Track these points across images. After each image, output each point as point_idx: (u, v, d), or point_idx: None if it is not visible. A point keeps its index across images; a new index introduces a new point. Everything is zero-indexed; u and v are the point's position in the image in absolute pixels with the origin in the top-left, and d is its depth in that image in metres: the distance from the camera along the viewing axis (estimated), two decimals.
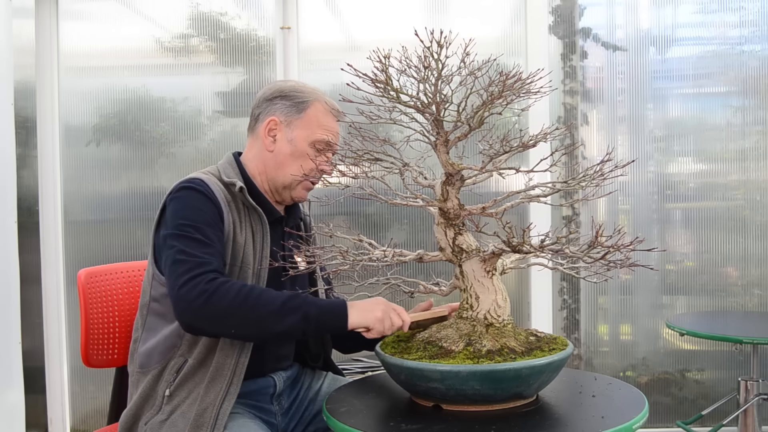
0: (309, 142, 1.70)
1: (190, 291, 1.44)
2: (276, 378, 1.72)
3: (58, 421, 3.12)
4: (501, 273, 1.54)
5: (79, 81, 3.14)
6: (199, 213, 1.56)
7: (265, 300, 1.46)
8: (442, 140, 1.43)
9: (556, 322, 3.09)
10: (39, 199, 3.09)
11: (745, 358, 2.96)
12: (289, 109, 1.71)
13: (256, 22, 3.14)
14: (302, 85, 1.76)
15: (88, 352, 1.87)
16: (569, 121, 3.08)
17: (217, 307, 1.44)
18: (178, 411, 1.56)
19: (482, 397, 1.35)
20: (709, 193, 3.13)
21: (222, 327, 1.47)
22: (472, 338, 1.41)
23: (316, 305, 1.49)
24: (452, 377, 1.32)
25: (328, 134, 1.71)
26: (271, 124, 1.71)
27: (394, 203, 1.50)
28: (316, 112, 1.71)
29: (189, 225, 1.54)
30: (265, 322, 1.46)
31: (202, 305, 1.44)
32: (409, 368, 1.37)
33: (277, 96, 1.73)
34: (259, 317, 1.45)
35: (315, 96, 1.73)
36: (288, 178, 1.70)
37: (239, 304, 1.44)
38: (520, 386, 1.35)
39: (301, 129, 1.70)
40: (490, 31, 3.12)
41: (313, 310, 1.47)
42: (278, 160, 1.70)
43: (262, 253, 1.64)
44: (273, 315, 1.45)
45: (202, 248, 1.52)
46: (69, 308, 3.11)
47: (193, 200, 1.58)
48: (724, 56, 3.11)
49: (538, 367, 1.34)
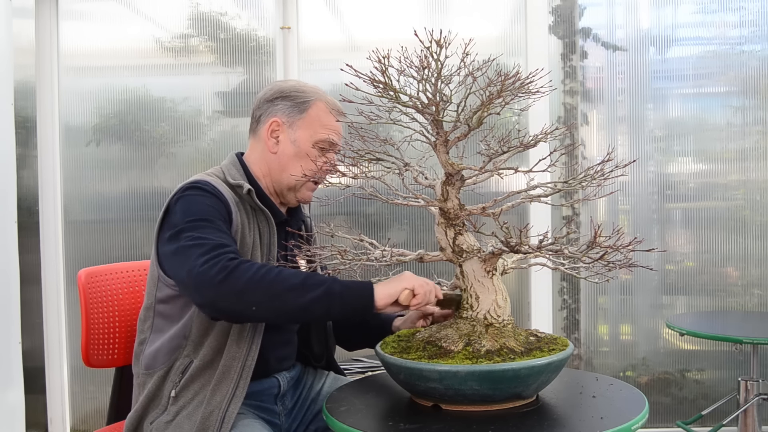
0: (312, 142, 1.68)
1: (211, 268, 1.39)
2: (280, 378, 1.72)
3: (58, 421, 3.12)
4: (502, 273, 1.54)
5: (79, 81, 3.14)
6: (209, 209, 1.53)
7: (287, 275, 1.42)
8: (442, 140, 1.43)
9: (556, 322, 3.09)
10: (39, 199, 3.10)
11: (745, 358, 2.96)
12: (290, 109, 1.69)
13: (256, 22, 3.15)
14: (303, 85, 1.74)
15: (88, 352, 1.87)
16: (569, 121, 3.08)
17: (237, 282, 1.38)
18: (183, 412, 1.55)
19: (481, 397, 1.34)
20: (709, 193, 3.13)
21: (243, 303, 1.40)
22: (472, 338, 1.41)
23: (340, 282, 1.44)
24: (450, 377, 1.32)
25: (331, 133, 1.70)
26: (274, 126, 1.70)
27: (395, 203, 1.49)
28: (318, 111, 1.70)
29: (200, 218, 1.50)
30: (287, 297, 1.40)
31: (223, 280, 1.38)
32: (408, 368, 1.37)
33: (277, 97, 1.71)
34: (280, 292, 1.40)
35: (316, 95, 1.71)
36: (292, 180, 1.68)
37: (260, 278, 1.39)
38: (518, 386, 1.35)
39: (304, 129, 1.69)
40: (490, 31, 3.13)
41: (336, 286, 1.42)
42: (282, 161, 1.69)
43: (269, 255, 1.63)
44: (295, 289, 1.40)
45: (217, 234, 1.48)
46: (69, 308, 3.11)
47: (202, 198, 1.55)
48: (724, 56, 3.11)
49: (537, 367, 1.33)
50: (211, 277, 1.39)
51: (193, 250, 1.44)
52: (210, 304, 1.42)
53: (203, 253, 1.42)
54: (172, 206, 1.57)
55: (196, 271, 1.41)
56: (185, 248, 1.45)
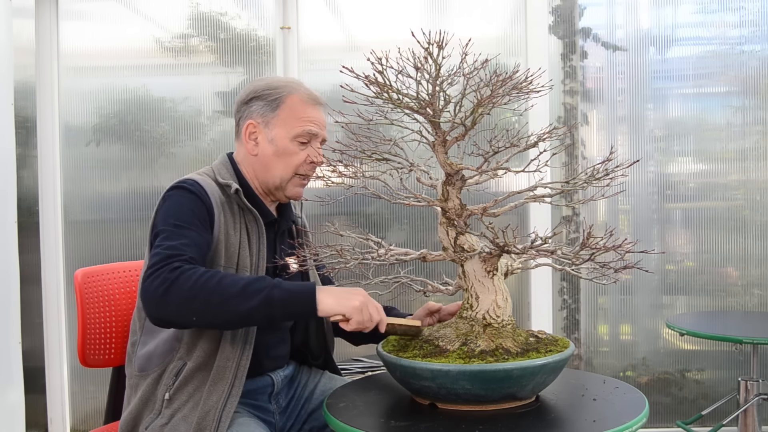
0: (290, 137, 1.66)
1: (153, 281, 1.40)
2: (274, 377, 1.72)
3: (58, 421, 3.12)
4: (510, 274, 1.53)
5: (79, 81, 3.15)
6: (185, 211, 1.54)
7: (227, 283, 1.39)
8: (440, 140, 1.44)
9: (556, 322, 3.09)
10: (39, 199, 3.10)
11: (745, 358, 2.95)
12: (263, 109, 1.68)
13: (256, 22, 3.14)
14: (276, 81, 1.71)
15: (85, 352, 1.87)
16: (569, 121, 3.07)
17: (177, 294, 1.38)
18: (178, 415, 1.55)
19: (474, 396, 1.34)
20: (709, 193, 3.13)
21: (184, 314, 1.40)
22: (469, 338, 1.41)
23: (282, 288, 1.40)
24: (443, 376, 1.33)
25: (309, 125, 1.67)
26: (250, 128, 1.69)
27: (398, 202, 1.50)
28: (291, 105, 1.67)
29: (172, 223, 1.51)
30: (226, 306, 1.38)
31: (164, 293, 1.38)
32: (402, 366, 1.38)
33: (252, 98, 1.70)
34: (220, 301, 1.38)
35: (288, 90, 1.68)
36: (277, 179, 1.68)
37: (199, 288, 1.38)
38: (512, 387, 1.34)
39: (280, 127, 1.67)
40: (490, 31, 3.12)
41: (277, 292, 1.39)
42: (264, 162, 1.68)
43: (258, 255, 1.63)
44: (234, 298, 1.38)
45: (181, 239, 1.48)
46: (69, 308, 3.11)
47: (182, 199, 1.56)
48: (724, 56, 3.10)
49: (530, 368, 1.33)
50: (153, 290, 1.40)
51: (151, 259, 1.45)
52: (154, 315, 1.44)
53: (153, 264, 1.43)
54: (159, 207, 1.59)
55: (142, 285, 1.44)
56: (151, 255, 1.47)
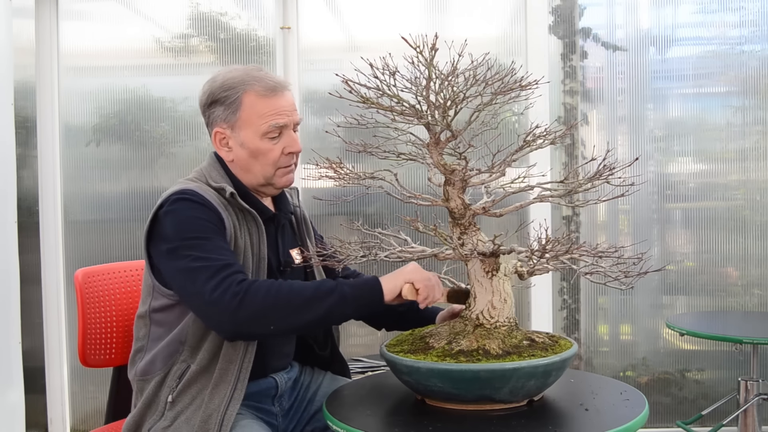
0: (259, 136, 1.63)
1: (223, 295, 1.42)
2: (278, 379, 1.71)
3: (58, 421, 3.12)
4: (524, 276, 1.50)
5: (79, 81, 3.15)
6: (202, 223, 1.52)
7: (298, 289, 1.46)
8: (433, 142, 1.44)
9: (556, 322, 3.08)
10: (39, 199, 3.09)
11: (745, 358, 2.95)
12: (225, 113, 1.64)
13: (256, 22, 3.14)
14: (230, 79, 1.64)
15: (85, 351, 1.87)
16: (569, 121, 3.07)
17: (252, 306, 1.42)
18: (182, 417, 1.54)
19: (449, 395, 1.35)
20: (709, 193, 3.13)
21: (261, 325, 1.45)
22: (457, 337, 1.41)
23: (348, 284, 1.48)
24: (415, 372, 1.35)
25: (273, 119, 1.63)
26: (219, 136, 1.67)
27: (410, 202, 1.51)
28: (250, 104, 1.62)
29: (196, 236, 1.50)
30: (304, 311, 1.44)
31: (238, 307, 1.41)
32: (387, 359, 1.42)
33: (211, 102, 1.66)
34: (296, 307, 1.44)
35: (243, 86, 1.63)
36: (260, 178, 1.67)
37: (274, 297, 1.43)
38: (484, 389, 1.32)
39: (246, 128, 1.63)
40: (490, 30, 3.12)
41: (346, 289, 1.47)
42: (242, 165, 1.66)
43: (259, 254, 1.62)
44: (310, 302, 1.44)
45: (217, 251, 1.49)
46: (69, 308, 3.11)
47: (192, 211, 1.53)
48: (724, 56, 3.10)
49: (499, 371, 1.30)
50: (225, 305, 1.42)
51: (200, 274, 1.45)
52: (228, 330, 1.47)
53: (210, 276, 1.44)
54: (162, 218, 1.55)
55: (208, 299, 1.43)
56: (190, 270, 1.46)
